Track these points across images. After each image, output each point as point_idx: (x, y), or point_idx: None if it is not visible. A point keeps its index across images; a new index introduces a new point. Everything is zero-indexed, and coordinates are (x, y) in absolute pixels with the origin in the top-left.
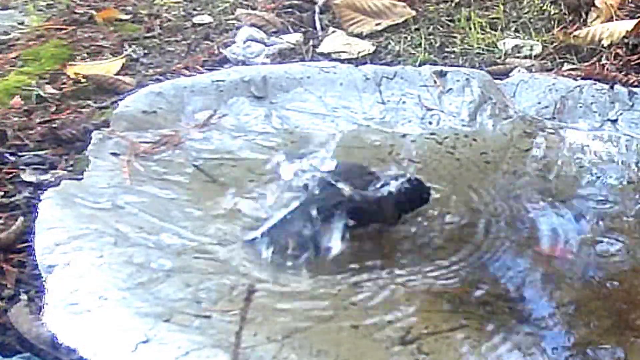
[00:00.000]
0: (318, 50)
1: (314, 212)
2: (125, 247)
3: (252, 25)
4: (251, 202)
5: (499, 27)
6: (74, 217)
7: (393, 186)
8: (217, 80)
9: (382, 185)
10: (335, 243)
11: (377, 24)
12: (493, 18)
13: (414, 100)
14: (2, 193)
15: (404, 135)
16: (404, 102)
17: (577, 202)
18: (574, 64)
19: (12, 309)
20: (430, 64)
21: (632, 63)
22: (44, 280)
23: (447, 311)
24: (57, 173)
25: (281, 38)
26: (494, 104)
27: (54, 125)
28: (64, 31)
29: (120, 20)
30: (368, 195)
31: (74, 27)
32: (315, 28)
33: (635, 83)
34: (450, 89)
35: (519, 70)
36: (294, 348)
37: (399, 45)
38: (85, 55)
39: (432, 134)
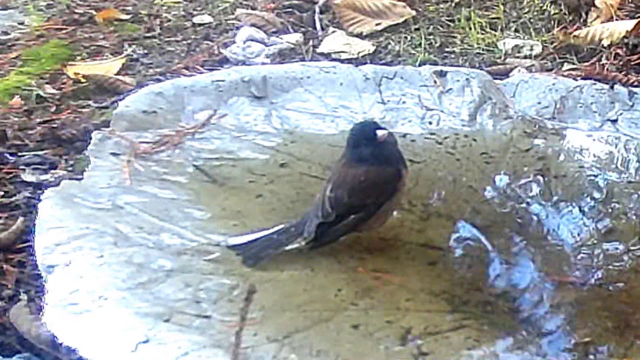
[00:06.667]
0: (318, 50)
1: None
2: (125, 247)
3: (252, 25)
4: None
5: (499, 27)
6: (74, 217)
7: None
8: (217, 80)
9: None
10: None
11: (377, 24)
12: (493, 18)
13: (414, 100)
14: (2, 193)
15: (404, 135)
16: (404, 102)
17: (577, 202)
18: (574, 64)
19: (12, 309)
20: (430, 64)
21: (632, 63)
22: (44, 280)
23: (447, 311)
24: (57, 173)
25: (281, 38)
26: (494, 104)
27: (54, 125)
28: (64, 31)
29: (120, 20)
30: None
31: (74, 27)
32: (315, 28)
33: (635, 83)
34: (450, 89)
35: (519, 70)
36: (294, 348)
37: (399, 45)
38: (85, 55)
39: (432, 134)
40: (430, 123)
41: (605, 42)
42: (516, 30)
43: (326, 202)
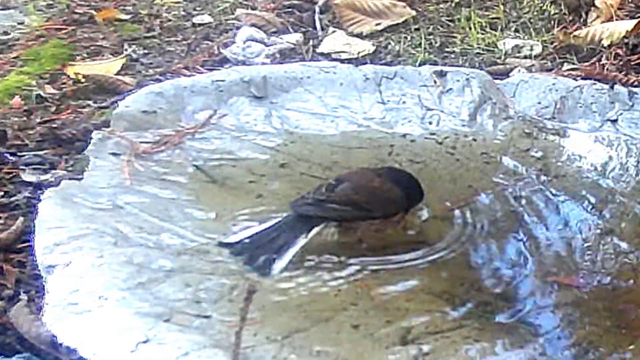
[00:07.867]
0: (318, 50)
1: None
2: (125, 247)
3: (252, 25)
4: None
5: (499, 27)
6: (74, 217)
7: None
8: (217, 80)
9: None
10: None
11: (377, 24)
12: (493, 18)
13: (414, 100)
14: (2, 193)
15: (404, 135)
16: (404, 102)
17: (577, 202)
18: (574, 64)
19: (12, 309)
20: (430, 64)
21: (632, 63)
22: (44, 280)
23: (447, 311)
24: (57, 173)
25: (281, 38)
26: (494, 104)
27: (54, 125)
28: (64, 31)
29: (120, 20)
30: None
31: (74, 27)
32: (315, 28)
33: (635, 83)
34: (450, 89)
35: (519, 70)
36: (294, 348)
37: (399, 45)
38: (85, 55)
39: (432, 134)
40: (430, 123)
41: (605, 42)
42: (516, 30)
43: (323, 185)
